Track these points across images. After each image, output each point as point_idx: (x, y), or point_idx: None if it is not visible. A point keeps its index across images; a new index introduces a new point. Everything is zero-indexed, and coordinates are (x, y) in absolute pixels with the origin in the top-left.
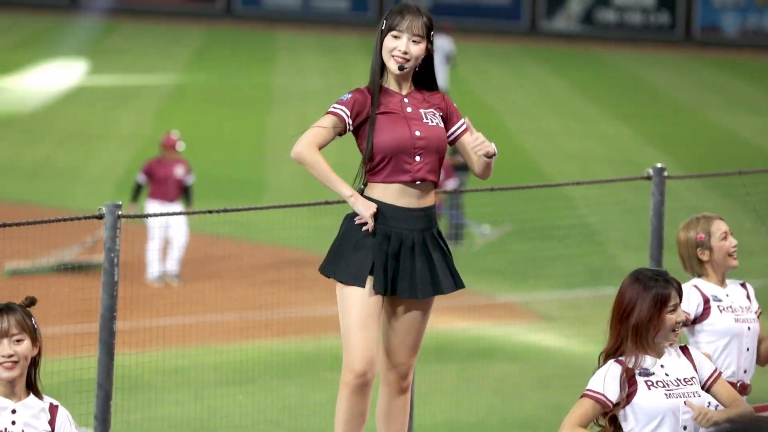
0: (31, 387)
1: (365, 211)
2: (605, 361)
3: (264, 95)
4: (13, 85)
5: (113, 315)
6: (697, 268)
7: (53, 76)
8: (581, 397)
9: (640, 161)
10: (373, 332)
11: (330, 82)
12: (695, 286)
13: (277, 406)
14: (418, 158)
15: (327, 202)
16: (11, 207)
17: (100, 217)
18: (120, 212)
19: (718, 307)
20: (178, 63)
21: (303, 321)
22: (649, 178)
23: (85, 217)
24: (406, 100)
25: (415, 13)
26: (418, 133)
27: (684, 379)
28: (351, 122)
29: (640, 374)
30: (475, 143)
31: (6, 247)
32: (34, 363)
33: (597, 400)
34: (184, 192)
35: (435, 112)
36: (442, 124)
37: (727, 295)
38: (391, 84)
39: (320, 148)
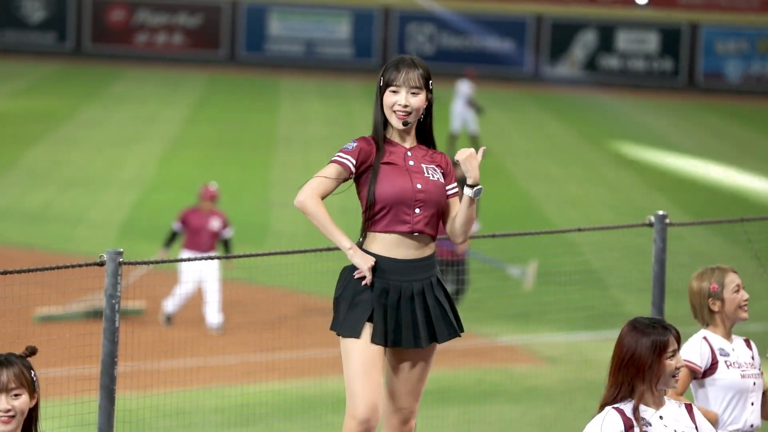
0: None
1: (363, 264)
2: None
3: (267, 141)
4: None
5: (114, 360)
6: (707, 318)
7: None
8: None
9: (643, 206)
10: (376, 380)
11: (333, 128)
12: (705, 338)
13: None
14: (417, 210)
15: (329, 249)
16: (14, 251)
17: (102, 264)
18: (121, 259)
19: (725, 362)
20: (182, 108)
21: (306, 363)
22: (651, 225)
23: (87, 264)
24: (409, 153)
25: (410, 66)
26: (419, 186)
27: None
28: (355, 171)
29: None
30: (463, 156)
31: (32, 293)
32: (33, 414)
33: None
34: (224, 245)
35: (436, 168)
36: (443, 180)
37: (734, 350)
38: (394, 137)
39: (323, 197)
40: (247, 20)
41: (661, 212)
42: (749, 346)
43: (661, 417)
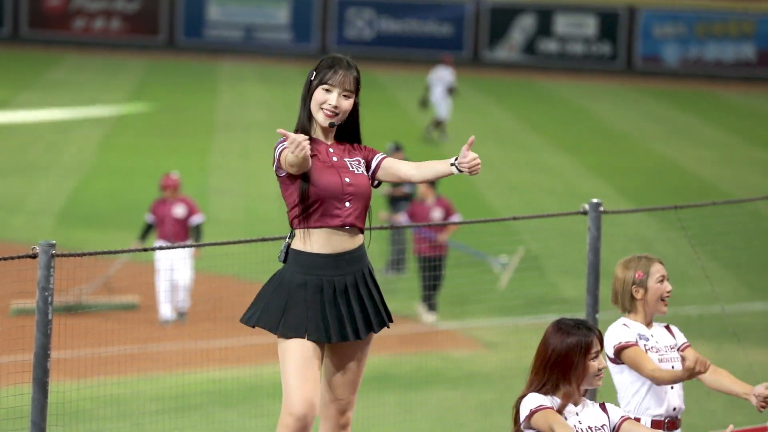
0: None
1: (295, 140)
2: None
3: (206, 126)
4: None
5: (47, 353)
6: (628, 305)
7: None
8: (531, 415)
9: (582, 191)
10: (313, 376)
11: (272, 113)
12: (624, 324)
13: None
14: (348, 204)
15: (274, 238)
16: None
17: (34, 256)
18: (54, 251)
19: (644, 346)
20: (121, 94)
21: (243, 351)
22: (585, 213)
23: (19, 257)
24: (331, 149)
25: (346, 68)
26: (347, 180)
27: (595, 427)
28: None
29: None
30: (472, 162)
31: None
32: None
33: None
34: (194, 231)
35: (360, 160)
36: (366, 174)
37: (653, 335)
38: (317, 134)
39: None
40: (186, 5)
41: (595, 200)
42: (670, 331)
43: (577, 414)
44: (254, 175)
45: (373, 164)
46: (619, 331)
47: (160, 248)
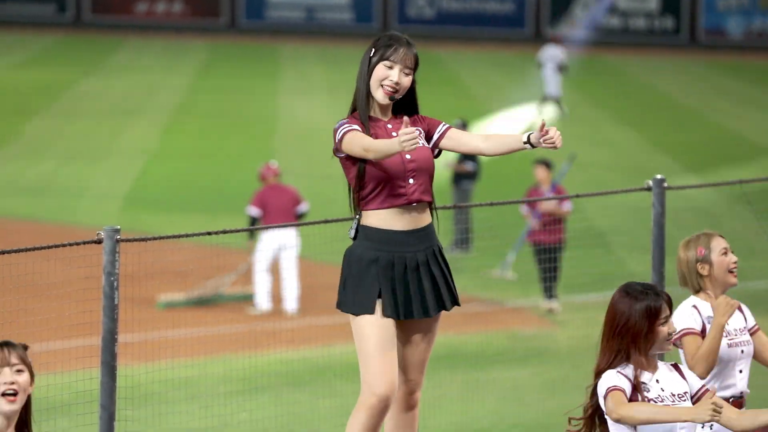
0: (25, 427)
1: (411, 136)
2: (598, 377)
3: (269, 108)
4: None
5: (115, 337)
6: (697, 283)
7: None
8: (608, 392)
9: (647, 166)
10: (393, 355)
11: (334, 94)
12: (695, 306)
13: (287, 414)
14: (411, 180)
15: (330, 221)
16: (17, 224)
17: (99, 241)
18: (118, 237)
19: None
20: (184, 77)
21: (312, 331)
22: (649, 189)
23: (84, 242)
24: (389, 125)
25: (407, 46)
26: (408, 157)
27: (678, 395)
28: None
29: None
30: (553, 136)
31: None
32: (27, 409)
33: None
34: (300, 219)
35: (420, 131)
36: (427, 144)
37: None
38: (375, 111)
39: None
40: None
41: (658, 176)
42: (742, 312)
43: (657, 380)
44: (317, 156)
45: (436, 134)
46: (687, 314)
47: (224, 232)
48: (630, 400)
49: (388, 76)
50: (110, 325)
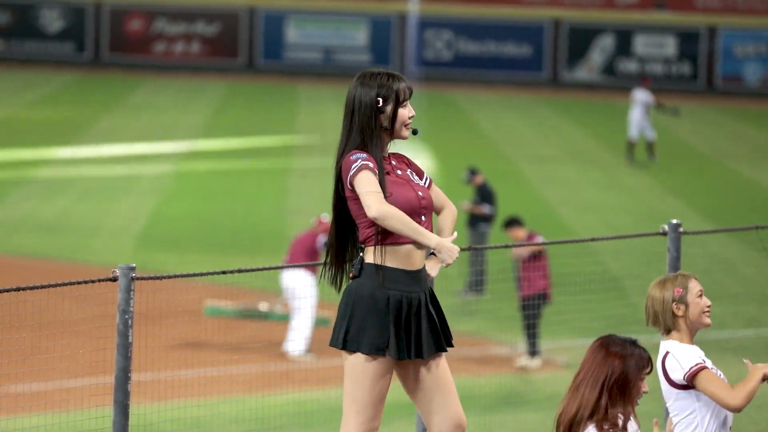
0: None
1: (450, 258)
2: (577, 427)
3: (285, 148)
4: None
5: (128, 375)
6: (671, 323)
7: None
8: None
9: (660, 211)
10: (383, 394)
11: None
12: (682, 345)
13: None
14: (423, 218)
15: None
16: (31, 262)
17: (114, 279)
18: (134, 274)
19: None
20: (201, 117)
21: (324, 372)
22: (665, 234)
23: (100, 280)
24: (393, 162)
25: (401, 80)
26: (420, 194)
27: None
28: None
29: None
30: (450, 263)
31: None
32: None
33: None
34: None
35: (418, 172)
36: (422, 184)
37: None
38: (384, 151)
39: None
40: (265, 28)
41: (674, 221)
42: None
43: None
44: (331, 195)
45: (425, 181)
46: (688, 353)
47: (238, 271)
48: None
49: (409, 115)
50: (124, 363)
